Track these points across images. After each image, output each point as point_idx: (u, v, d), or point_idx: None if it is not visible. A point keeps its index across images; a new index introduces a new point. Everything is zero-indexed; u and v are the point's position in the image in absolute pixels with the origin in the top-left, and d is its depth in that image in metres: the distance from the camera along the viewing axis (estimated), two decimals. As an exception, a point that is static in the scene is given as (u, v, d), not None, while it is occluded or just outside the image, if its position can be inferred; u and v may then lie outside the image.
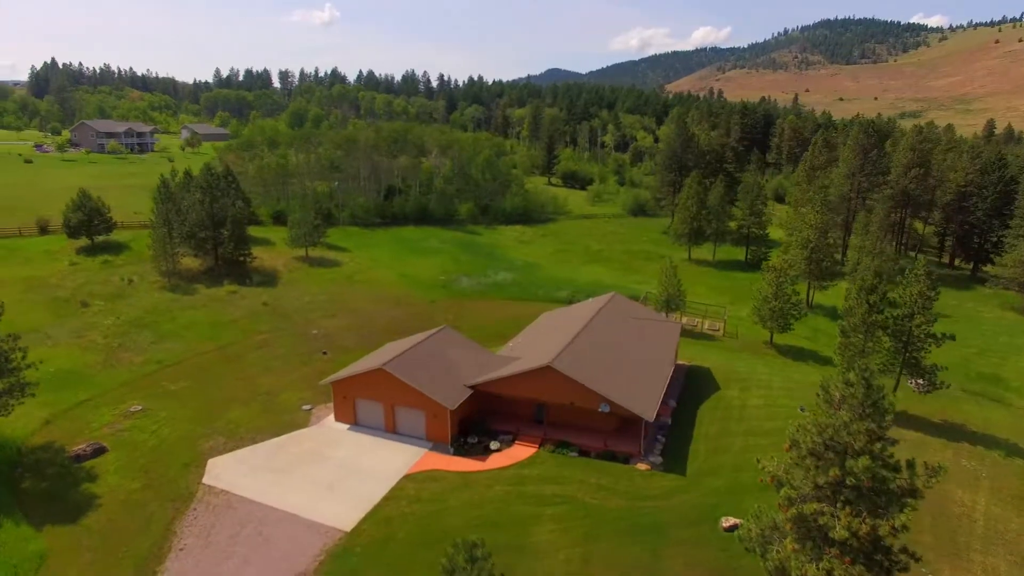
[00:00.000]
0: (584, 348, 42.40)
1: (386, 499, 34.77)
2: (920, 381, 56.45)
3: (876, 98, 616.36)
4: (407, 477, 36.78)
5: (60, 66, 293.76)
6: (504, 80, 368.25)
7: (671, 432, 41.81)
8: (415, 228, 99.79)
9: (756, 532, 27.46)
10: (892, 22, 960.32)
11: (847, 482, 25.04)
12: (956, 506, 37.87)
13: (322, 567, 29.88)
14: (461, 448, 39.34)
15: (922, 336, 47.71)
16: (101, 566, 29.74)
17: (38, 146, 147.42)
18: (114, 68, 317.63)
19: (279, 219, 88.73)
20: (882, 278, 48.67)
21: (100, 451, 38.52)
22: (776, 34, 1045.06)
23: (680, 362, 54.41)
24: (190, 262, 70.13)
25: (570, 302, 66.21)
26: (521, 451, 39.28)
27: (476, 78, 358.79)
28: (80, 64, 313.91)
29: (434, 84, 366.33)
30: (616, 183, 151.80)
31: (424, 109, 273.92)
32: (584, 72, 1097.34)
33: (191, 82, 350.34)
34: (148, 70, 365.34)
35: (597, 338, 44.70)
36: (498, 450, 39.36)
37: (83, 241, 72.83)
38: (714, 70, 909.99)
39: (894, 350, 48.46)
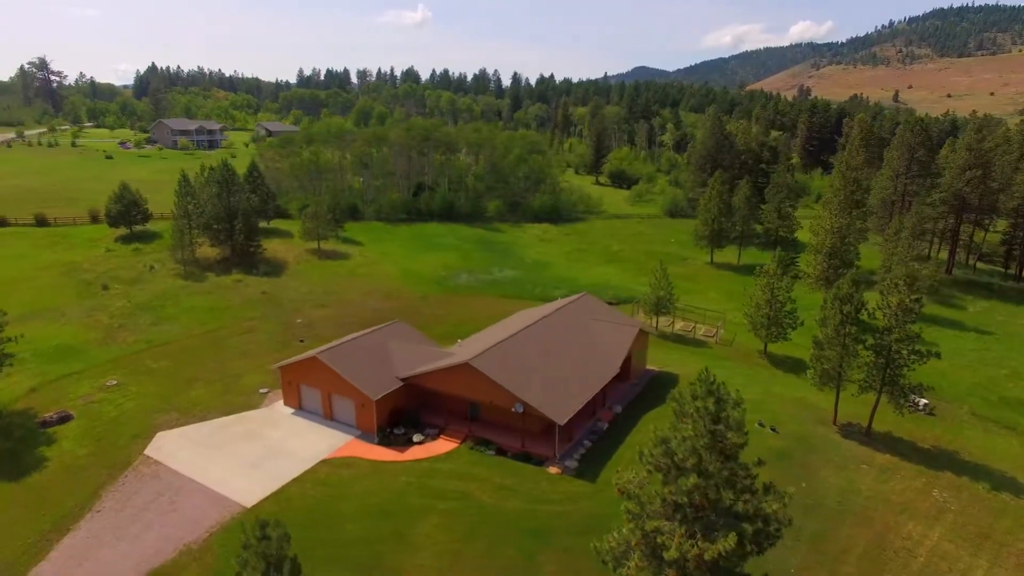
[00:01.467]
0: (518, 347, 42.31)
1: (296, 480, 36.32)
2: (925, 402, 52.39)
3: (993, 93, 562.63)
4: (324, 461, 38.23)
5: (159, 70, 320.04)
6: (589, 78, 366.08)
7: (603, 438, 40.98)
8: (439, 224, 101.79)
9: (611, 546, 26.69)
10: (1021, 7, 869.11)
11: (679, 500, 24.03)
12: (900, 539, 35.13)
13: (211, 538, 31.73)
14: (386, 438, 40.33)
15: (905, 353, 43.86)
16: (24, 520, 32.93)
17: (122, 143, 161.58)
18: (207, 70, 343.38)
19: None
20: (915, 286, 44.10)
21: (66, 419, 42.38)
22: (880, 27, 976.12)
23: (650, 367, 53.04)
24: (208, 251, 75.13)
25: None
26: (442, 446, 39.80)
27: (548, 76, 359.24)
28: (178, 67, 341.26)
29: (507, 83, 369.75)
30: (667, 183, 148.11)
31: (489, 107, 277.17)
32: (671, 70, 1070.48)
33: (274, 82, 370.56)
34: (235, 71, 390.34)
35: (539, 338, 44.43)
36: (420, 443, 40.06)
37: (122, 230, 79.58)
38: (808, 67, 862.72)
39: (874, 366, 44.80)
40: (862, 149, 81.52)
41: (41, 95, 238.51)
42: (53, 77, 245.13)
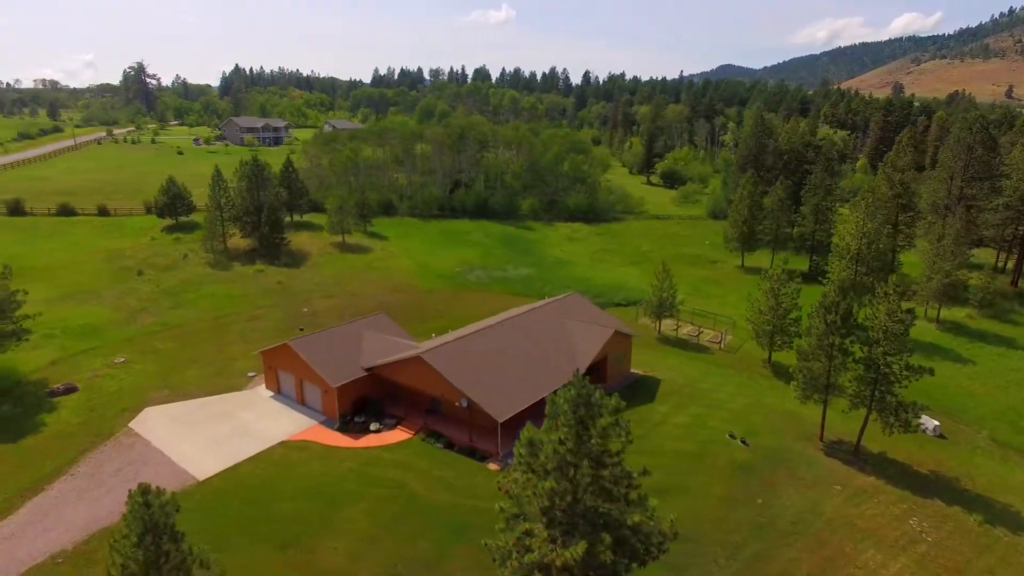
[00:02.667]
0: (478, 344, 42.71)
1: (251, 459, 38.35)
2: (935, 423, 48.81)
3: None
4: (282, 443, 40.13)
5: (241, 70, 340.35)
6: (664, 77, 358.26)
7: (557, 436, 40.63)
8: (470, 221, 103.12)
9: (499, 544, 26.73)
10: None
11: (542, 504, 23.82)
12: (851, 566, 33.19)
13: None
14: (345, 425, 41.79)
15: (896, 367, 40.93)
16: (8, 478, 36.52)
17: (195, 140, 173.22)
18: (287, 70, 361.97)
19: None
20: (907, 294, 41.40)
21: (71, 390, 46.48)
22: (997, 15, 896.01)
23: (635, 371, 51.99)
24: (239, 242, 79.67)
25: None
26: (396, 436, 40.83)
27: (618, 74, 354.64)
28: (260, 68, 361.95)
29: (576, 81, 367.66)
30: (720, 184, 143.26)
31: (554, 106, 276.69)
32: (759, 68, 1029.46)
33: (348, 81, 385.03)
34: (312, 71, 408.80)
35: (504, 335, 44.63)
36: (377, 431, 41.26)
37: (168, 221, 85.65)
38: (907, 62, 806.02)
39: (863, 380, 41.99)
40: (909, 149, 75.63)
41: (138, 96, 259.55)
42: (150, 80, 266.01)
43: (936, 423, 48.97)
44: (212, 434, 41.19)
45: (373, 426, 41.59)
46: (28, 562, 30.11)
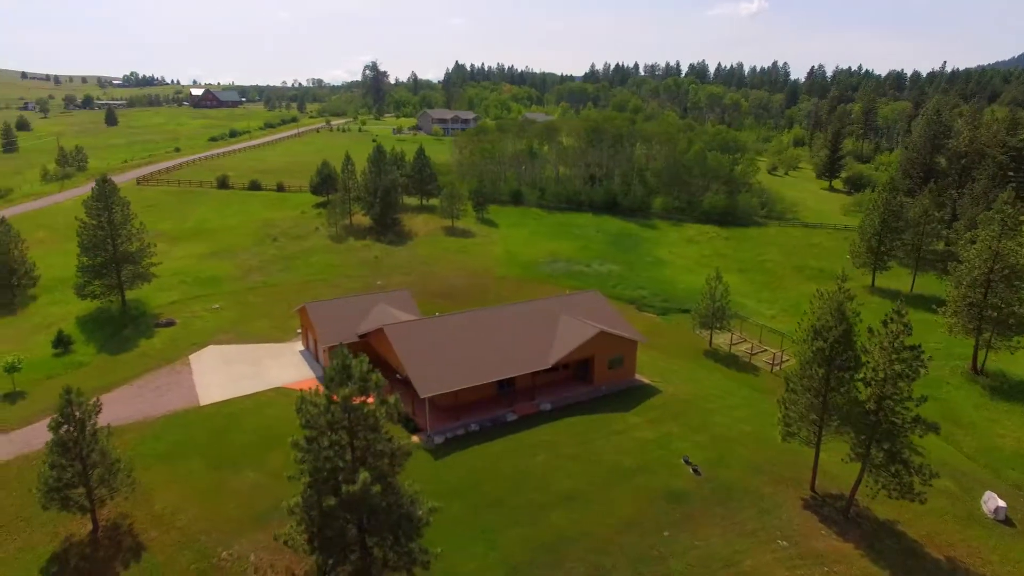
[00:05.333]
0: (447, 325, 44.84)
1: (245, 397, 45.57)
2: (1000, 504, 39.40)
3: None
4: (276, 388, 46.80)
5: (465, 67, 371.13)
6: (961, 67, 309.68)
7: (499, 428, 41.14)
8: (592, 216, 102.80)
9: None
10: None
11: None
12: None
13: (162, 418, 42.65)
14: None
15: (903, 417, 34.19)
16: (96, 378, 48.18)
17: (395, 130, 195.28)
18: (505, 66, 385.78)
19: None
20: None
21: (171, 324, 58.79)
22: None
23: (641, 378, 49.45)
24: (363, 219, 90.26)
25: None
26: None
27: (855, 69, 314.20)
28: (482, 64, 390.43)
29: (800, 76, 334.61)
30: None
31: (759, 103, 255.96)
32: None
33: (559, 76, 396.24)
34: (527, 66, 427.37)
35: (482, 321, 46.04)
36: (352, 391, 45.68)
37: (320, 198, 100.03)
38: None
39: (860, 428, 35.63)
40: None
41: (370, 91, 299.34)
42: (382, 77, 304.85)
43: (1002, 504, 38.93)
44: (235, 373, 49.39)
45: (351, 387, 46.11)
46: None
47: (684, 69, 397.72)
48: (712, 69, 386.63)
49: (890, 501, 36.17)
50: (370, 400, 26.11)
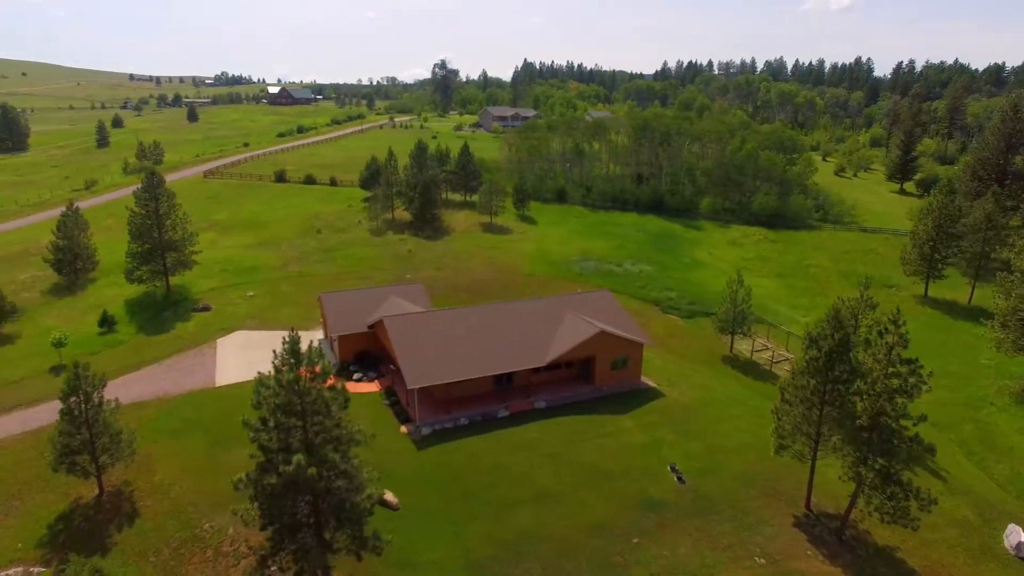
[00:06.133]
0: (451, 320, 45.49)
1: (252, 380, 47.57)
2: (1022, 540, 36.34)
3: None
4: (287, 374, 48.59)
5: (533, 64, 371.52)
6: None
7: (489, 423, 41.38)
8: (635, 215, 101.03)
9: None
10: None
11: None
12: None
13: (179, 396, 45.48)
14: (340, 371, 48.58)
15: (900, 437, 32.27)
16: (128, 358, 51.95)
17: (456, 127, 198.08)
18: (575, 64, 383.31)
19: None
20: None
21: (206, 309, 62.35)
22: None
23: (647, 381, 48.43)
24: (403, 214, 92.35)
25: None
26: (367, 387, 46.42)
27: (948, 63, 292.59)
28: (552, 62, 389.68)
29: (884, 73, 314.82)
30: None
31: (835, 100, 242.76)
32: None
33: (628, 73, 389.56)
34: (596, 64, 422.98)
35: (483, 317, 46.35)
36: (357, 380, 47.32)
37: (367, 192, 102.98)
38: None
39: (855, 442, 33.77)
40: None
41: (439, 89, 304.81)
42: (450, 75, 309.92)
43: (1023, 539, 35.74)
44: (253, 357, 51.73)
45: (356, 375, 47.67)
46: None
47: (760, 66, 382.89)
48: (790, 66, 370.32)
49: (895, 526, 33.95)
50: (326, 385, 26.92)
